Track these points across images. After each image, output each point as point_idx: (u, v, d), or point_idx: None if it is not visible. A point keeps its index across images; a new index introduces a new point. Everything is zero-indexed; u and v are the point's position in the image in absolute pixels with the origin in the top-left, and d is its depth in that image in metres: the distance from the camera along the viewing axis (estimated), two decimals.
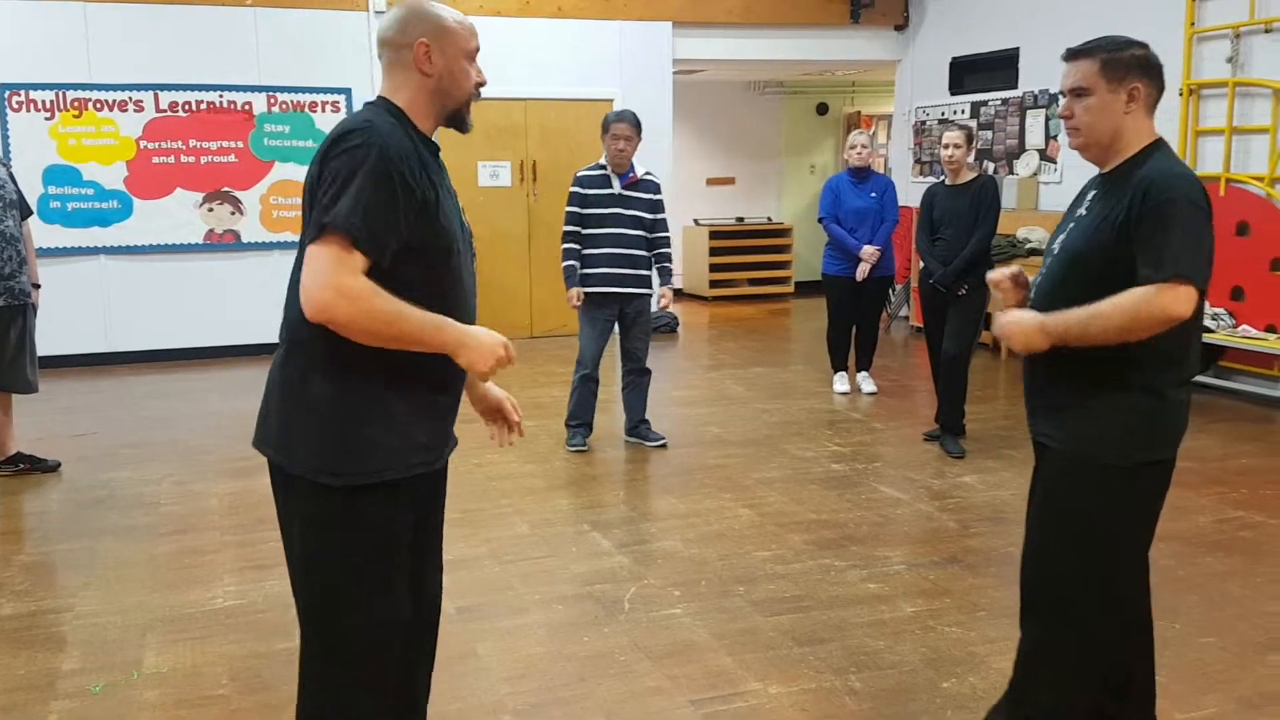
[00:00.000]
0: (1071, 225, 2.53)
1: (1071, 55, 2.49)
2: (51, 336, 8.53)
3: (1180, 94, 7.80)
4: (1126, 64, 2.42)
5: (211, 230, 8.96)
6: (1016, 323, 2.44)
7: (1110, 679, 2.65)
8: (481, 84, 2.27)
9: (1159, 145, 2.47)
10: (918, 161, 11.01)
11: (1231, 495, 5.10)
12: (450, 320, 2.10)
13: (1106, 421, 2.43)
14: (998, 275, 2.65)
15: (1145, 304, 2.30)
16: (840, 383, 7.50)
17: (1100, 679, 2.59)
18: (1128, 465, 2.43)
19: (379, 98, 2.22)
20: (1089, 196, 2.54)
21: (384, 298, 1.99)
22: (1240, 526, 4.66)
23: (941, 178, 6.24)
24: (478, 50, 2.26)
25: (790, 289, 13.24)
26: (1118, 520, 2.47)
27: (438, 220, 2.12)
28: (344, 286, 1.96)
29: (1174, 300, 2.30)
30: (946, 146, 5.99)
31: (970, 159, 6.12)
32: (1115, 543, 2.49)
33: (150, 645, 3.56)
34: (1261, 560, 4.27)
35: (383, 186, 1.99)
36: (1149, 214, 2.32)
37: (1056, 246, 2.55)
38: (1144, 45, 2.48)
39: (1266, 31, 7.24)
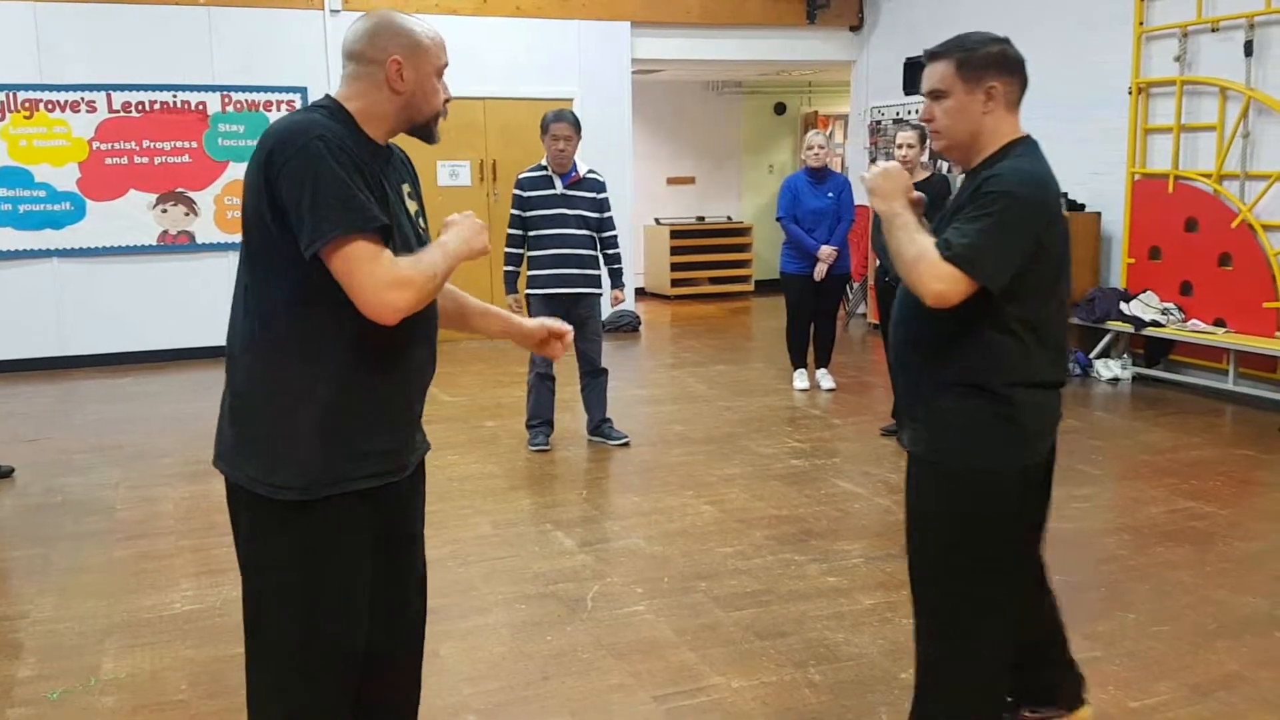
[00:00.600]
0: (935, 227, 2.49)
1: (929, 57, 2.44)
2: (3, 340, 8.43)
3: (1130, 92, 7.94)
4: (983, 63, 2.37)
5: (165, 231, 8.86)
6: (889, 174, 2.40)
7: (1029, 680, 2.64)
8: (448, 100, 2.23)
9: (1022, 141, 2.42)
10: (873, 161, 11.10)
11: (1182, 486, 5.20)
12: (440, 240, 2.14)
13: (956, 427, 2.37)
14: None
15: (924, 264, 2.24)
16: (800, 380, 7.55)
17: (1002, 684, 2.52)
18: (981, 470, 2.36)
19: (327, 98, 2.15)
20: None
21: (418, 264, 2.03)
22: (1190, 517, 4.75)
23: None
24: (446, 66, 2.21)
25: (750, 287, 13.31)
26: (978, 526, 2.37)
27: None
28: (394, 280, 1.97)
29: (941, 282, 2.22)
30: (900, 146, 6.05)
31: (924, 158, 6.19)
32: (981, 549, 2.38)
33: (108, 651, 3.52)
34: (1211, 549, 4.36)
35: (349, 171, 1.98)
36: (976, 198, 2.30)
37: None
38: (1003, 41, 2.43)
39: (1213, 31, 7.39)
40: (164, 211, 8.84)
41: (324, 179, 1.94)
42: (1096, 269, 8.28)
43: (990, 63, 2.37)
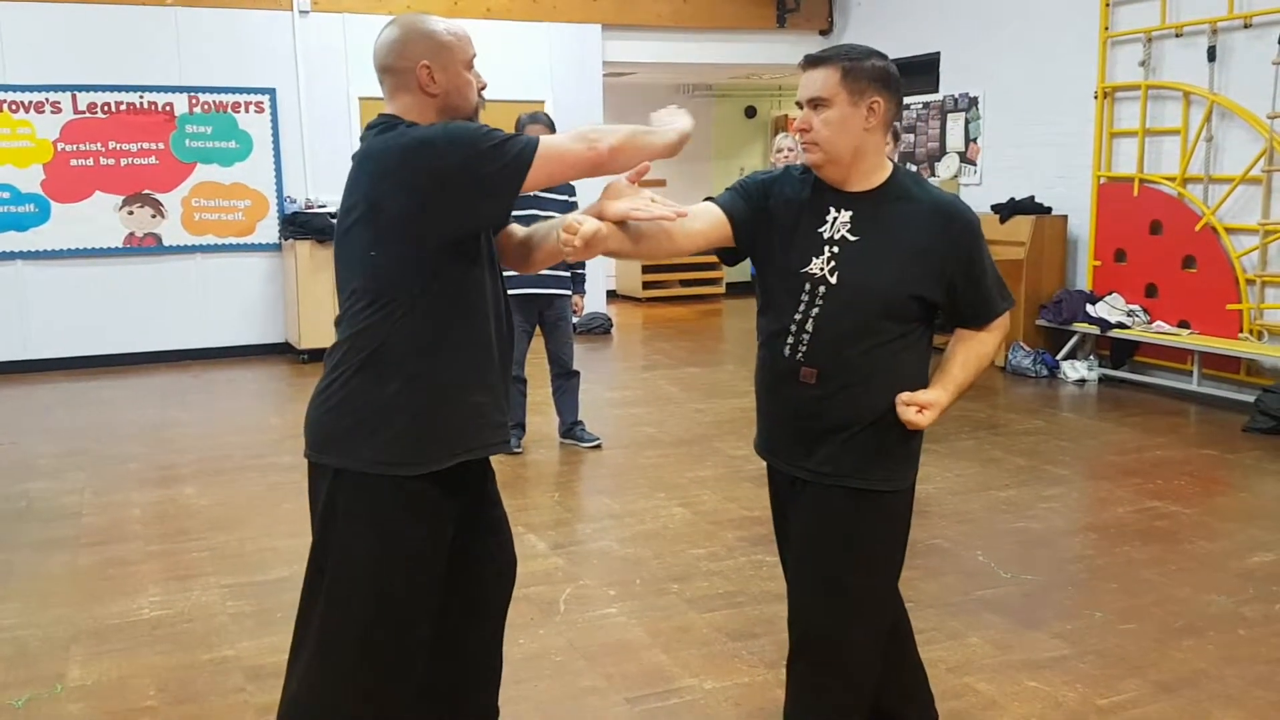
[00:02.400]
0: (839, 251, 2.30)
1: (810, 63, 2.29)
2: None
3: (1095, 97, 8.03)
4: (867, 75, 2.24)
5: (132, 234, 8.76)
6: (932, 408, 2.29)
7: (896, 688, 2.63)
8: (483, 87, 2.35)
9: (901, 167, 2.40)
10: None
11: (1147, 486, 5.26)
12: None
13: (891, 449, 2.33)
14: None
15: (1002, 336, 2.43)
16: None
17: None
18: (906, 487, 2.39)
19: (386, 116, 2.25)
20: (837, 218, 2.32)
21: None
22: (1156, 516, 4.81)
23: None
24: (475, 56, 2.33)
25: (721, 290, 13.35)
26: (904, 543, 2.45)
27: None
28: (581, 134, 2.24)
29: (1004, 327, 2.44)
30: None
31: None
32: (898, 567, 2.45)
33: (74, 658, 3.48)
34: (1176, 548, 4.42)
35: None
36: (970, 252, 2.32)
37: (833, 278, 2.29)
38: (884, 56, 2.30)
39: (1177, 36, 7.49)
40: (130, 214, 8.74)
41: (477, 134, 2.14)
42: (1063, 271, 8.37)
43: (875, 77, 2.25)
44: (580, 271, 6.01)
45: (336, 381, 2.25)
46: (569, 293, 5.94)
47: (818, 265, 2.31)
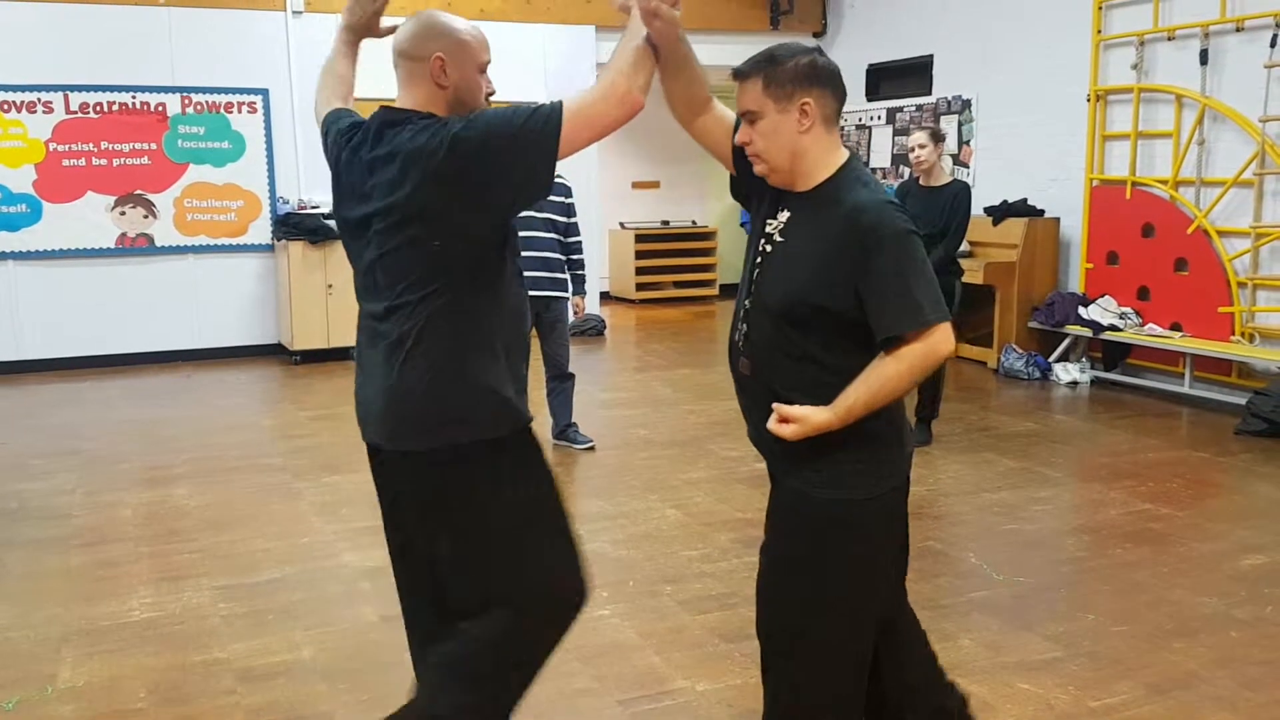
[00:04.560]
0: (769, 250, 2.26)
1: (736, 76, 2.26)
2: None
3: (1088, 99, 8.05)
4: (791, 78, 2.18)
5: (124, 234, 8.74)
6: (800, 423, 2.12)
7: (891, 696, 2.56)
8: (490, 94, 2.40)
9: (851, 165, 2.25)
10: None
11: (1140, 488, 5.27)
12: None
13: (835, 457, 2.19)
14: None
15: (924, 358, 2.09)
16: None
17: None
18: (860, 499, 2.25)
19: (402, 111, 2.26)
20: (783, 219, 2.27)
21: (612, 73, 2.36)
22: (1148, 518, 4.82)
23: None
24: (489, 63, 2.38)
25: (715, 291, 13.34)
26: (866, 560, 2.32)
27: None
28: (614, 86, 2.36)
29: (944, 340, 2.11)
30: (913, 149, 6.01)
31: (943, 162, 6.09)
32: (855, 583, 2.31)
33: (65, 659, 3.46)
34: (1168, 550, 4.42)
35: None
36: (882, 258, 2.08)
37: (754, 280, 2.30)
38: (812, 52, 2.23)
39: (1169, 39, 7.51)
40: (122, 214, 8.72)
41: (507, 115, 2.21)
42: (1055, 273, 8.39)
43: (799, 77, 2.18)
44: (580, 273, 6.01)
45: (428, 365, 2.25)
46: (567, 295, 5.94)
47: (750, 265, 2.32)
